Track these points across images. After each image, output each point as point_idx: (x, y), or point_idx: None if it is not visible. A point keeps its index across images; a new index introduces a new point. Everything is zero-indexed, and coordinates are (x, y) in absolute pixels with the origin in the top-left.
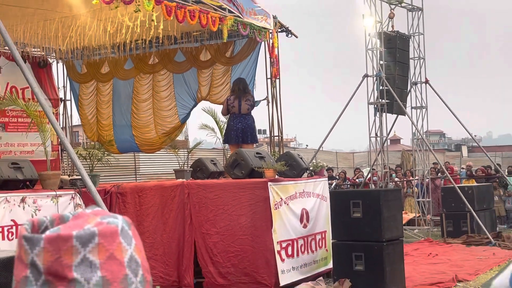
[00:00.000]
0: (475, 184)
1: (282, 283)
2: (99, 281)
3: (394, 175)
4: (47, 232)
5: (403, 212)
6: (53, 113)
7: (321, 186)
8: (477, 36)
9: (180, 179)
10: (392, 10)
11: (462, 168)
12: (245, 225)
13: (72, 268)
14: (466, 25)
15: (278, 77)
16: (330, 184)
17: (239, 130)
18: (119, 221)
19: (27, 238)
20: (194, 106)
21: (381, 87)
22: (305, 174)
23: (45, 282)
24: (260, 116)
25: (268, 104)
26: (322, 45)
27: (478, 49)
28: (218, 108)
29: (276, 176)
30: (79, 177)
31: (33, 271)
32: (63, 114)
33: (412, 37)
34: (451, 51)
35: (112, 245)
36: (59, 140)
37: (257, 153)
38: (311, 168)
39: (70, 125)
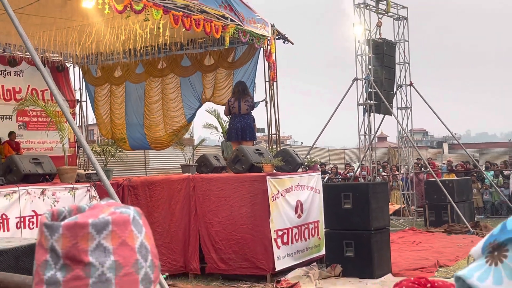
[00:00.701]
0: (455, 178)
1: (278, 268)
2: (112, 265)
3: (381, 169)
4: (66, 220)
5: (389, 203)
6: (70, 113)
7: (314, 180)
8: (457, 44)
9: (186, 173)
10: (379, 19)
11: (443, 164)
12: (245, 215)
13: (88, 252)
14: (448, 33)
15: (275, 80)
16: (323, 178)
17: (239, 128)
18: (131, 211)
19: (47, 225)
20: (199, 107)
21: (369, 90)
22: (300, 169)
23: (63, 266)
24: (259, 116)
25: (266, 105)
26: (316, 50)
27: (459, 56)
28: (220, 109)
29: (274, 171)
30: (94, 171)
31: (53, 256)
32: (79, 114)
33: (397, 43)
34: (434, 57)
35: (124, 232)
36: (76, 137)
37: (256, 149)
38: (305, 163)
39: (86, 124)
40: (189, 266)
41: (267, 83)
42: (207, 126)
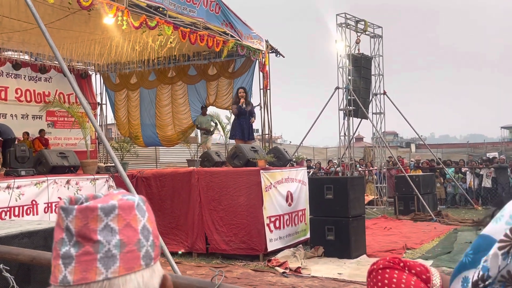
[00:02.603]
0: (421, 173)
1: (269, 249)
2: (117, 243)
3: (358, 165)
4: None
5: (365, 194)
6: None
7: (301, 174)
8: (424, 60)
9: (192, 167)
10: (358, 37)
11: (412, 161)
12: (243, 203)
13: (97, 232)
14: (417, 52)
15: (268, 88)
16: (308, 172)
17: None
18: (136, 198)
19: (64, 208)
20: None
21: (349, 97)
22: (289, 164)
23: (76, 242)
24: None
25: (261, 109)
26: (304, 63)
27: (426, 70)
28: (222, 112)
29: (267, 166)
30: (112, 164)
31: (68, 234)
32: (99, 115)
33: (373, 58)
34: (405, 70)
35: (129, 216)
36: (97, 135)
37: (252, 147)
38: (294, 160)
39: (105, 123)
40: (195, 246)
41: (262, 91)
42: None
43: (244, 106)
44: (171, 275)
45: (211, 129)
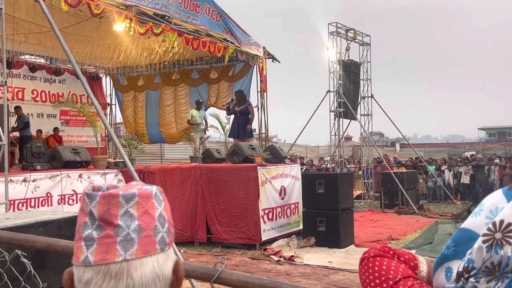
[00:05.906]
0: (405, 170)
1: (263, 239)
2: (136, 228)
3: (347, 163)
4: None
5: (353, 189)
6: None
7: (295, 170)
8: (408, 66)
9: (194, 163)
10: (348, 45)
11: (394, 157)
12: (242, 197)
13: (118, 217)
14: (401, 59)
15: (265, 91)
16: (301, 169)
17: None
18: (153, 188)
19: (88, 194)
20: (205, 111)
21: (339, 100)
22: (284, 161)
23: (98, 226)
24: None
25: (258, 110)
26: (297, 68)
27: (410, 75)
28: (221, 113)
29: (263, 162)
30: (121, 160)
31: (90, 218)
32: (109, 114)
33: (362, 64)
34: (390, 75)
35: (147, 204)
36: (107, 132)
37: (250, 145)
38: (288, 157)
39: (114, 122)
40: (196, 236)
41: (259, 93)
42: (210, 126)
43: (231, 106)
44: None
45: (201, 126)
